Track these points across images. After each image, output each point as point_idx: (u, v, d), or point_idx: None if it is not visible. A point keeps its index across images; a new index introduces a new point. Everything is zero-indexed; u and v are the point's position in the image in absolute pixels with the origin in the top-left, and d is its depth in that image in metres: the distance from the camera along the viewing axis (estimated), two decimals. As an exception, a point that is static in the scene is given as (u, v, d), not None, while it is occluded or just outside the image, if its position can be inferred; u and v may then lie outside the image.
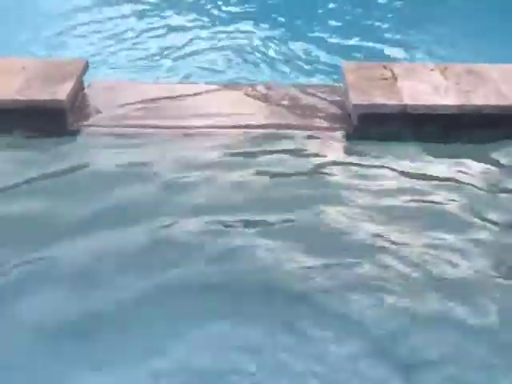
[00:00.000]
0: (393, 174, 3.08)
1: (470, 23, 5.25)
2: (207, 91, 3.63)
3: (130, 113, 3.34)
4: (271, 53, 4.65)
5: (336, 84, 3.78)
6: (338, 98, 3.55)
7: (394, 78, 3.48)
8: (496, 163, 3.14)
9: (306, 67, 4.42)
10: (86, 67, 3.49)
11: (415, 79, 3.47)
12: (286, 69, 4.41)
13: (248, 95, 3.59)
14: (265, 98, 3.56)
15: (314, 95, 3.62)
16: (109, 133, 3.22)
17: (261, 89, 3.67)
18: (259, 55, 4.58)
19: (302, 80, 4.26)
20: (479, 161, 3.15)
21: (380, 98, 3.29)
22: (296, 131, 3.30)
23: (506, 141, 3.23)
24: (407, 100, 3.27)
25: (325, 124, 3.38)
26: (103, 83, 3.69)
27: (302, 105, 3.52)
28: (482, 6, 5.49)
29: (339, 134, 3.33)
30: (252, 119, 3.37)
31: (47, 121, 3.18)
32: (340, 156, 3.23)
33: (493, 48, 4.69)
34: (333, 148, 3.26)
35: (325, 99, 3.58)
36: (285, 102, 3.55)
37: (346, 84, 3.45)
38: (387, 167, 3.11)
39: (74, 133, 3.21)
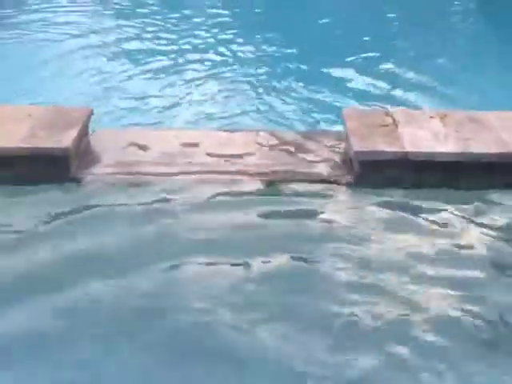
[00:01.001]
0: (393, 220, 3.11)
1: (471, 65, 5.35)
2: (209, 136, 3.68)
3: (134, 160, 3.37)
4: (272, 99, 4.72)
5: (337, 130, 3.82)
6: (340, 145, 3.59)
7: (395, 124, 3.53)
8: (496, 210, 3.15)
9: (307, 114, 4.48)
10: (91, 114, 3.55)
11: (415, 126, 3.51)
12: (288, 115, 4.45)
13: (250, 141, 3.62)
14: (266, 145, 3.60)
15: (315, 141, 3.66)
16: (112, 180, 3.24)
17: (263, 135, 3.71)
18: (260, 101, 4.64)
19: (304, 126, 4.29)
20: (479, 207, 3.17)
21: (381, 145, 3.33)
22: (297, 178, 3.33)
23: (506, 188, 3.25)
24: (408, 147, 3.31)
25: (326, 171, 3.41)
26: (107, 130, 3.75)
27: (304, 151, 3.56)
28: (483, 48, 5.62)
29: (341, 180, 3.35)
30: (254, 165, 3.40)
31: (52, 168, 3.23)
32: (341, 203, 3.24)
33: (495, 89, 4.76)
34: (334, 195, 3.27)
35: (326, 145, 3.62)
36: (286, 148, 3.58)
37: (347, 131, 3.49)
38: (388, 213, 3.13)
39: (78, 180, 3.24)
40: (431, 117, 3.62)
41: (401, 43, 5.99)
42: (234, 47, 5.72)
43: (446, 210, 3.18)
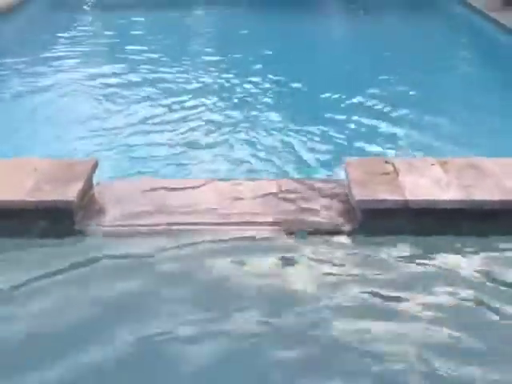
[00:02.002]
0: (397, 268, 3.10)
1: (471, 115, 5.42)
2: (211, 186, 3.71)
3: (138, 212, 3.40)
4: (274, 147, 4.77)
5: (338, 178, 3.85)
6: (342, 193, 3.61)
7: (396, 172, 3.56)
8: (498, 257, 3.15)
9: (309, 162, 4.52)
10: (95, 166, 3.60)
11: (416, 174, 3.54)
12: (289, 163, 4.50)
13: (252, 190, 3.65)
14: (268, 193, 3.62)
15: (317, 189, 3.68)
16: (116, 232, 3.27)
17: (264, 184, 3.75)
18: (261, 151, 4.70)
19: (305, 173, 4.34)
20: (481, 255, 3.17)
21: (383, 194, 3.35)
22: (300, 226, 3.34)
23: (507, 235, 3.26)
24: (409, 195, 3.33)
25: (329, 219, 3.42)
26: (111, 181, 3.79)
27: (305, 199, 3.57)
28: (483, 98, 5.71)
29: (343, 228, 3.36)
30: (256, 215, 3.42)
31: (56, 220, 3.26)
32: (344, 251, 3.24)
33: (493, 139, 4.82)
34: (337, 243, 3.28)
35: (328, 193, 3.64)
36: (288, 197, 3.60)
37: (349, 179, 3.53)
38: (391, 261, 3.13)
39: (82, 232, 3.27)
40: (432, 164, 3.65)
41: (404, 88, 6.07)
42: (234, 94, 5.82)
43: (449, 257, 3.18)
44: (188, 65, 6.98)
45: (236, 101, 5.77)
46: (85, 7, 9.45)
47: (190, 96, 5.92)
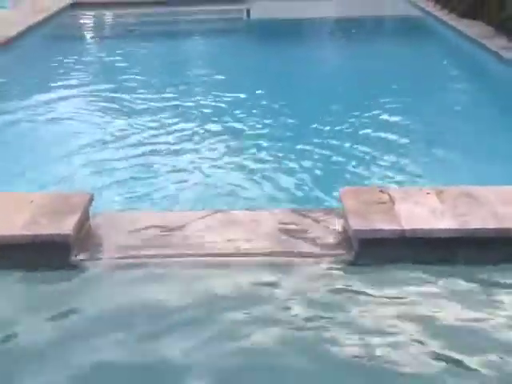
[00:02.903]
0: (393, 297, 3.11)
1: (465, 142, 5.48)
2: (207, 217, 3.70)
3: (135, 244, 3.39)
4: (269, 177, 4.78)
5: (335, 207, 3.86)
6: (338, 223, 3.62)
7: (392, 201, 3.57)
8: (494, 285, 3.15)
9: (304, 191, 4.54)
10: (91, 199, 3.60)
11: (412, 203, 3.55)
12: (284, 192, 4.52)
13: (248, 221, 3.65)
14: (265, 224, 3.62)
15: (313, 219, 3.68)
16: (112, 265, 3.25)
17: (260, 214, 3.75)
18: (255, 180, 4.71)
19: (301, 202, 4.35)
20: (479, 283, 3.16)
21: (379, 223, 3.36)
22: (296, 258, 3.33)
23: (504, 263, 3.26)
24: (405, 224, 3.34)
25: (325, 249, 3.42)
26: (107, 214, 3.78)
27: (302, 230, 3.57)
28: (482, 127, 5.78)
29: (340, 259, 3.36)
30: (252, 246, 3.41)
31: (52, 253, 3.25)
32: (342, 282, 3.23)
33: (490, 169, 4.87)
34: (335, 274, 3.27)
35: (325, 224, 3.64)
36: (285, 228, 3.59)
37: (345, 209, 3.53)
38: (388, 291, 3.13)
39: (78, 265, 3.25)
40: (427, 193, 3.66)
41: (398, 116, 6.13)
42: (225, 122, 5.88)
43: (445, 285, 3.17)
44: (181, 93, 7.05)
45: (228, 129, 5.80)
46: (78, 41, 9.50)
47: (182, 123, 5.96)
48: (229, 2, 12.59)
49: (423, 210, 3.47)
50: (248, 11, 12.06)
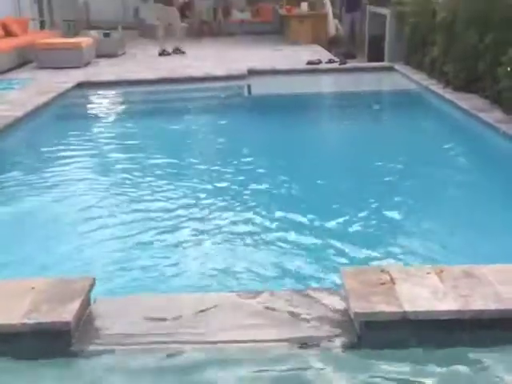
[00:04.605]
0: (398, 381, 3.07)
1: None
2: (208, 300, 3.68)
3: (137, 331, 3.37)
4: (267, 255, 4.79)
5: (335, 288, 3.86)
6: (339, 303, 3.60)
7: (392, 282, 3.57)
8: (498, 367, 3.10)
9: (304, 270, 4.54)
10: (93, 284, 3.61)
11: (413, 283, 3.55)
12: (283, 272, 4.52)
13: (248, 304, 3.63)
14: (264, 306, 3.60)
15: (315, 301, 3.67)
16: (113, 353, 3.23)
17: (259, 295, 3.73)
18: (253, 259, 4.72)
19: (300, 282, 4.34)
20: (482, 365, 3.12)
21: (381, 305, 3.34)
22: (296, 341, 3.30)
23: (508, 345, 3.23)
24: (407, 306, 3.33)
25: (326, 332, 3.39)
26: (109, 299, 3.78)
27: (304, 312, 3.55)
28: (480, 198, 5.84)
29: (342, 341, 3.33)
30: (252, 328, 3.39)
31: (53, 342, 3.24)
32: (342, 364, 3.19)
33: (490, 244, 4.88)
34: (335, 358, 3.23)
35: (326, 305, 3.62)
36: (285, 309, 3.57)
37: (346, 290, 3.53)
38: (391, 376, 3.10)
39: (78, 353, 3.23)
40: (428, 273, 3.67)
41: (399, 193, 6.19)
42: (225, 201, 5.93)
43: (448, 368, 3.14)
44: (183, 170, 7.17)
45: (228, 206, 5.85)
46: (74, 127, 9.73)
47: (184, 201, 6.02)
48: (230, 78, 12.98)
49: (424, 291, 3.46)
50: (249, 87, 12.39)
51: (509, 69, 8.44)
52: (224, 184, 6.57)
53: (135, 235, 5.11)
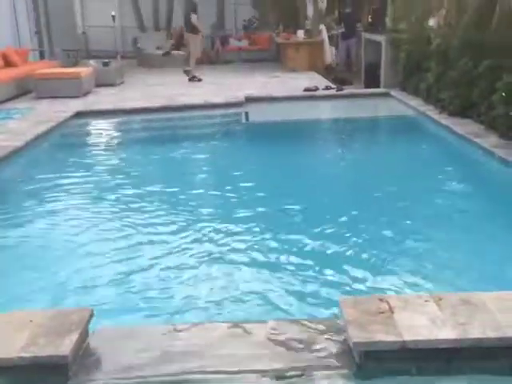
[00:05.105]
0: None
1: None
2: (206, 331, 3.67)
3: (136, 363, 3.35)
4: (264, 285, 4.78)
5: (334, 318, 3.85)
6: (339, 333, 3.59)
7: (391, 310, 3.56)
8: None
9: (302, 300, 4.53)
10: (91, 316, 3.59)
11: (411, 312, 3.54)
12: (281, 302, 4.50)
13: (246, 332, 3.62)
14: (261, 335, 3.59)
15: (314, 330, 3.66)
16: (111, 385, 3.21)
17: (257, 326, 3.72)
18: (250, 289, 4.70)
19: (298, 312, 4.33)
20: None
21: (380, 335, 3.33)
22: (295, 371, 3.29)
23: (508, 374, 3.21)
24: (406, 335, 3.32)
25: (325, 361, 3.38)
26: (107, 329, 3.76)
27: (302, 342, 3.53)
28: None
29: (342, 372, 3.31)
30: (250, 359, 3.37)
31: (50, 375, 3.22)
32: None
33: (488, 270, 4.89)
34: (336, 389, 3.22)
35: (325, 335, 3.61)
36: (284, 340, 3.56)
37: (345, 320, 3.52)
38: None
39: (76, 386, 3.21)
40: (426, 301, 3.66)
41: (397, 222, 6.19)
42: (229, 233, 5.91)
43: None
44: (180, 196, 7.18)
45: (226, 236, 5.82)
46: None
47: (181, 228, 6.00)
48: (228, 106, 13.09)
49: (423, 319, 3.45)
50: (247, 114, 12.48)
51: (503, 94, 8.53)
52: (220, 210, 6.60)
53: (132, 263, 5.11)
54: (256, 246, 5.48)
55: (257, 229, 5.93)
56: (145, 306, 4.41)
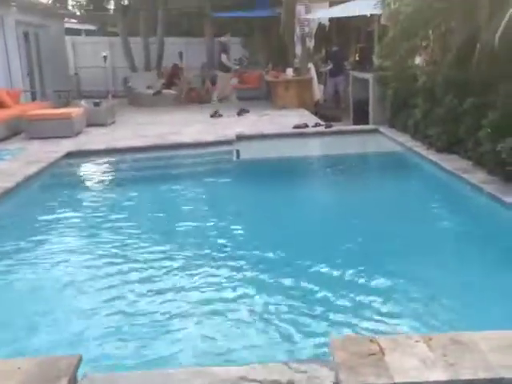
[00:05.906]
0: None
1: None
2: (200, 374, 3.64)
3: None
4: (254, 327, 4.75)
5: (325, 359, 3.82)
6: (329, 375, 3.56)
7: (382, 352, 3.55)
8: None
9: (292, 341, 4.51)
10: (80, 361, 3.56)
11: (402, 353, 3.53)
12: (271, 344, 4.47)
13: (238, 378, 3.58)
14: (251, 379, 3.54)
15: (304, 372, 3.63)
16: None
17: (246, 369, 3.68)
18: (239, 332, 4.67)
19: (289, 353, 4.29)
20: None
21: (371, 377, 3.32)
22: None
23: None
24: (397, 377, 3.30)
25: (318, 406, 3.35)
26: (97, 376, 3.71)
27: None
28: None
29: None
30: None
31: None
32: None
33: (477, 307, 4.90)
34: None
35: (316, 377, 3.58)
36: (274, 381, 3.52)
37: (336, 362, 3.50)
38: None
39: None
40: (416, 341, 3.65)
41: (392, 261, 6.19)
42: (221, 276, 5.89)
43: None
44: (170, 236, 7.17)
45: (213, 278, 5.80)
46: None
47: (173, 270, 5.99)
48: (219, 144, 13.20)
49: (413, 361, 3.44)
50: (238, 152, 12.58)
51: (489, 130, 8.66)
52: (209, 251, 6.58)
53: (121, 307, 5.07)
54: (241, 286, 5.48)
55: (243, 267, 5.93)
56: (133, 351, 4.37)
